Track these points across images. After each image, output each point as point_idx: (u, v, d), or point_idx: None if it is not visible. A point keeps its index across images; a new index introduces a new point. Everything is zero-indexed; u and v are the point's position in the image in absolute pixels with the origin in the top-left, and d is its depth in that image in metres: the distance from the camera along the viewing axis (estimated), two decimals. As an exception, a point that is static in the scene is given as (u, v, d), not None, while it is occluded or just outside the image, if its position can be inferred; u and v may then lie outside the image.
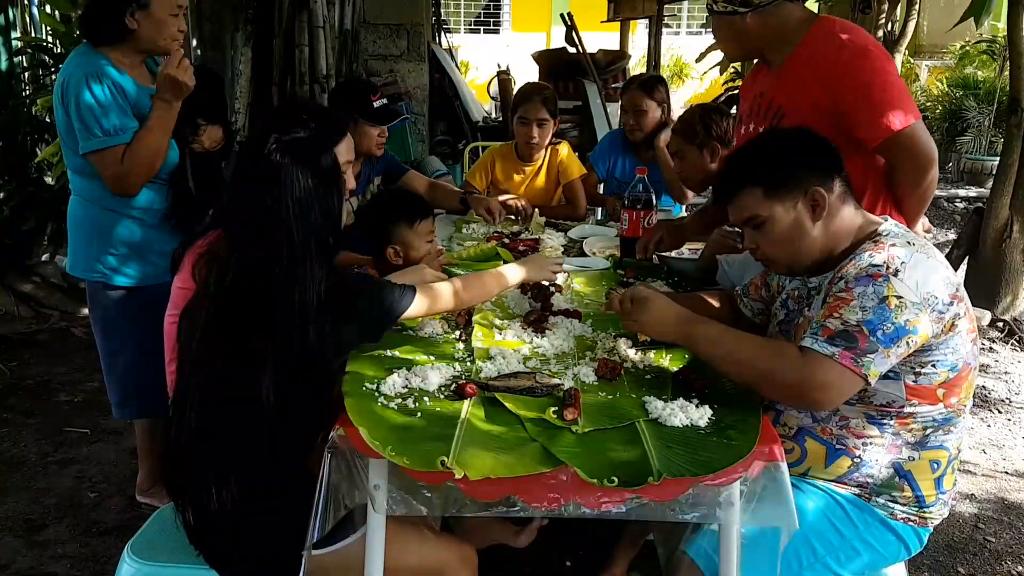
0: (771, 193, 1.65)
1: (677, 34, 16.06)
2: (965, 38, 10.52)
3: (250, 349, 1.55)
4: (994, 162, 5.97)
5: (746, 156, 1.73)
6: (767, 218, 1.66)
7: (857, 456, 1.67)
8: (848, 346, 1.47)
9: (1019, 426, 3.47)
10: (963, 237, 4.74)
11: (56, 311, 4.37)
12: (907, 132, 1.94)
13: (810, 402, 1.56)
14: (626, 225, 2.67)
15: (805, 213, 1.64)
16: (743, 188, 1.68)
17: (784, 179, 1.64)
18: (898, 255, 1.54)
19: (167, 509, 1.79)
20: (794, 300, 1.79)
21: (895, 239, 1.60)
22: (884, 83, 1.96)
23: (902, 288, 1.49)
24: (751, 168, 1.69)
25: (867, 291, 1.50)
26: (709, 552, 1.61)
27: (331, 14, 6.05)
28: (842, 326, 1.49)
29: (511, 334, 2.00)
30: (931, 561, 2.55)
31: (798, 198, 1.64)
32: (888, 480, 1.67)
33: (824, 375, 1.48)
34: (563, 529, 2.52)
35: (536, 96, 3.37)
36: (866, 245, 1.62)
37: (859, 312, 1.49)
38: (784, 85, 2.10)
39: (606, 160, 3.56)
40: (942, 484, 1.69)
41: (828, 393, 1.50)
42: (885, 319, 1.48)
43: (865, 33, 2.08)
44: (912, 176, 2.00)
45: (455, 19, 16.60)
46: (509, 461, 1.43)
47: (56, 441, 3.15)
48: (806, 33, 2.06)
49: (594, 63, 7.21)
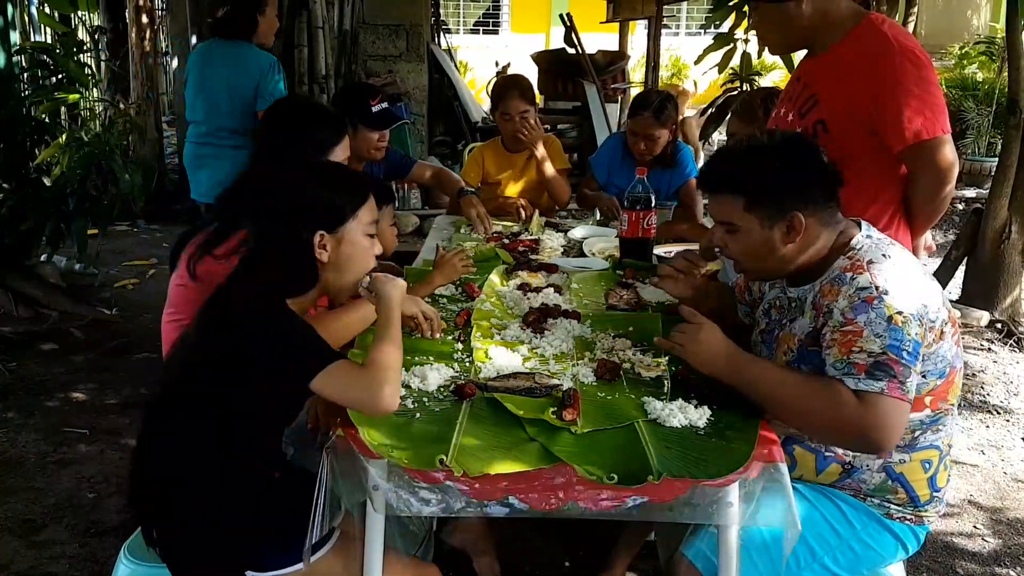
0: (752, 207, 1.62)
1: (676, 35, 16.05)
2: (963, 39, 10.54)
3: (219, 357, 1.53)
4: (993, 163, 5.97)
5: (739, 160, 1.68)
6: (741, 228, 1.65)
7: (847, 463, 1.67)
8: (890, 376, 1.46)
9: (1018, 427, 3.47)
10: (962, 238, 4.74)
11: (55, 311, 4.36)
12: (933, 143, 1.92)
13: (871, 444, 1.52)
14: (625, 226, 2.67)
15: (779, 233, 1.61)
16: (726, 191, 1.66)
17: (768, 198, 1.61)
18: (879, 273, 1.53)
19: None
20: (776, 310, 1.77)
21: (868, 253, 1.59)
22: (923, 91, 1.93)
23: (898, 303, 1.49)
24: (739, 175, 1.65)
25: (871, 317, 1.49)
26: (707, 554, 1.61)
27: (330, 14, 6.06)
28: (870, 358, 1.47)
29: (510, 334, 2.00)
30: (930, 562, 2.55)
31: (776, 218, 1.61)
32: (881, 484, 1.67)
33: (879, 412, 1.46)
34: (563, 529, 2.52)
35: (513, 90, 3.38)
36: (840, 261, 1.60)
37: (876, 340, 1.47)
38: (823, 75, 2.07)
39: (607, 166, 3.52)
40: (936, 483, 1.69)
41: (885, 432, 1.47)
42: (901, 339, 1.47)
43: (914, 38, 2.05)
44: (929, 187, 1.99)
45: (454, 20, 16.59)
46: (508, 460, 1.43)
47: (55, 441, 3.15)
48: (856, 26, 2.02)
49: (593, 64, 7.20)
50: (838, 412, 1.49)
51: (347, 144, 2.02)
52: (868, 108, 1.95)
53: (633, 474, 1.39)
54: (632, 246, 2.68)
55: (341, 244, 1.59)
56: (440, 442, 1.46)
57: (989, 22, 11.75)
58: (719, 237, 1.71)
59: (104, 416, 3.35)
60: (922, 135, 1.91)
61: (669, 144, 3.25)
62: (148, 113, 6.64)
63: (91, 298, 4.66)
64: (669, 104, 3.20)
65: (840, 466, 1.67)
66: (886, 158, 1.98)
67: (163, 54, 8.05)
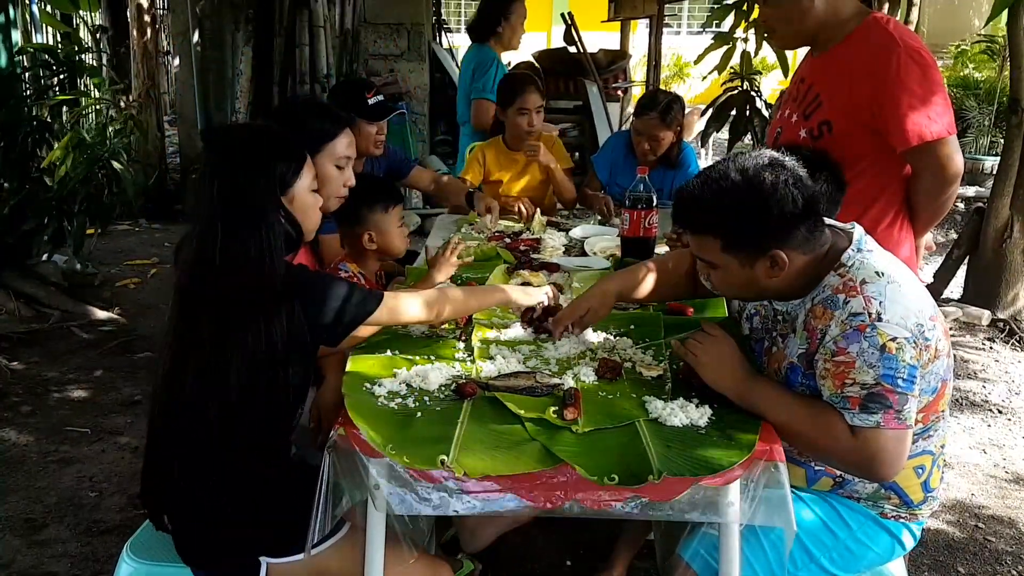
0: (728, 249, 1.55)
1: (678, 34, 16.03)
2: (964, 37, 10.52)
3: (214, 341, 1.54)
4: (994, 162, 5.96)
5: (710, 203, 1.54)
6: (721, 266, 1.58)
7: (839, 476, 1.66)
8: (885, 408, 1.44)
9: (1019, 426, 3.47)
10: (963, 237, 4.74)
11: (56, 311, 4.36)
12: (938, 144, 1.91)
13: (873, 476, 1.52)
14: (627, 225, 2.67)
15: (762, 269, 1.54)
16: (701, 232, 1.58)
17: (744, 242, 1.53)
18: (872, 295, 1.48)
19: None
20: (760, 318, 1.75)
21: (861, 271, 1.52)
22: (928, 91, 1.92)
23: (892, 329, 1.45)
24: (712, 220, 1.55)
25: (863, 347, 1.45)
26: (704, 555, 1.61)
27: (331, 13, 6.06)
28: (863, 391, 1.45)
29: (511, 333, 2.00)
30: (931, 561, 2.55)
31: (757, 257, 1.53)
32: (874, 492, 1.67)
33: (877, 447, 1.45)
34: (564, 528, 2.53)
35: (531, 85, 3.38)
36: (831, 279, 1.54)
37: (870, 371, 1.44)
38: (827, 74, 2.07)
39: (609, 166, 3.52)
40: (929, 485, 1.69)
41: (886, 464, 1.47)
42: (896, 368, 1.44)
43: (918, 38, 2.04)
44: (932, 188, 1.98)
45: (456, 19, 16.59)
46: (509, 460, 1.43)
47: (56, 440, 3.15)
48: (858, 25, 2.02)
49: (594, 63, 7.20)
50: (838, 445, 1.49)
51: (351, 140, 2.13)
52: (871, 108, 1.94)
53: (634, 473, 1.39)
54: (634, 245, 2.67)
55: (292, 204, 1.70)
56: (441, 442, 1.46)
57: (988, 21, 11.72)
58: (701, 268, 1.66)
59: (105, 415, 3.35)
60: (926, 136, 1.91)
61: (673, 144, 3.25)
62: (149, 112, 6.65)
63: (92, 297, 4.66)
64: (676, 105, 3.20)
65: (831, 479, 1.67)
66: (889, 158, 1.97)
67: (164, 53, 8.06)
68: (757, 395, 1.57)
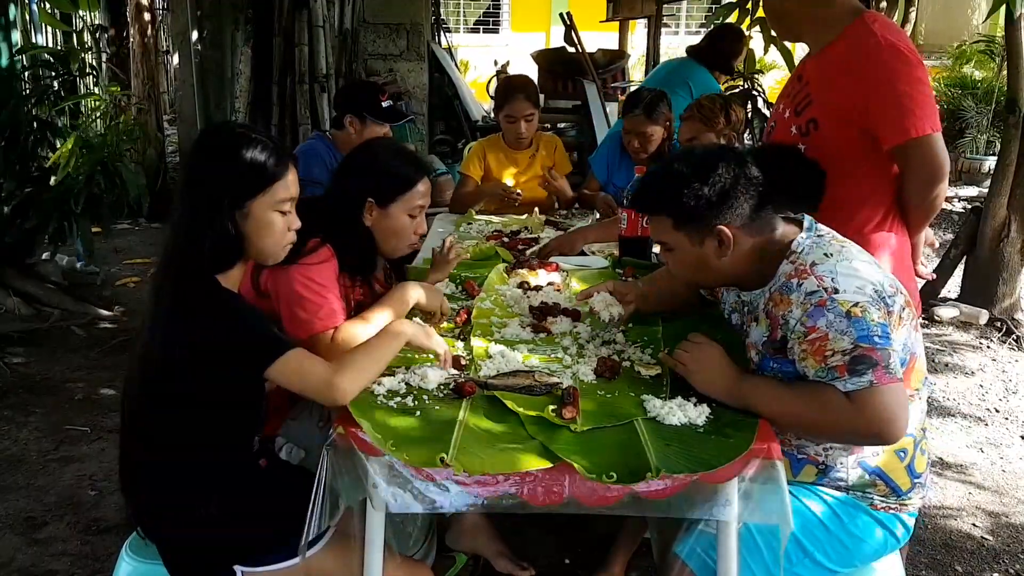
0: (679, 226, 1.65)
1: (676, 34, 16.04)
2: (963, 37, 10.53)
3: (152, 332, 1.55)
4: (992, 162, 5.98)
5: (661, 181, 1.69)
6: (675, 246, 1.68)
7: (821, 463, 1.68)
8: (872, 366, 1.46)
9: (1016, 425, 3.48)
10: (961, 237, 4.75)
11: (56, 310, 4.37)
12: (923, 140, 1.92)
13: (879, 437, 1.52)
14: (625, 224, 2.68)
15: (711, 248, 1.63)
16: (655, 213, 1.69)
17: (690, 216, 1.62)
18: (822, 273, 1.53)
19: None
20: (740, 313, 1.78)
21: (811, 255, 1.58)
22: (913, 89, 1.93)
23: (851, 296, 1.49)
24: (662, 198, 1.66)
25: (830, 319, 1.48)
26: (700, 553, 1.62)
27: (331, 13, 6.06)
28: (846, 356, 1.47)
29: (510, 332, 2.00)
30: (929, 559, 2.56)
31: (704, 234, 1.62)
32: (859, 480, 1.68)
33: (880, 405, 1.47)
34: (562, 526, 2.53)
35: (519, 93, 3.40)
36: (784, 267, 1.60)
37: (844, 338, 1.47)
38: (818, 72, 2.08)
39: (606, 166, 3.54)
40: (914, 470, 1.70)
41: (890, 421, 1.47)
42: (868, 327, 1.47)
43: (907, 38, 2.05)
44: (920, 186, 1.99)
45: (455, 19, 16.59)
46: (508, 458, 1.44)
47: (56, 439, 3.16)
48: (848, 25, 2.03)
49: (593, 62, 7.20)
50: (839, 416, 1.50)
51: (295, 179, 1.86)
52: (858, 106, 1.96)
53: (632, 471, 1.40)
54: (631, 244, 2.68)
55: (246, 216, 1.57)
56: (440, 440, 1.47)
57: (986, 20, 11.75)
58: (662, 254, 1.76)
59: (105, 414, 3.36)
60: (911, 133, 1.92)
61: (666, 142, 3.25)
62: (150, 112, 6.65)
63: (92, 296, 4.67)
64: (662, 101, 3.20)
65: (815, 467, 1.68)
66: (878, 157, 1.98)
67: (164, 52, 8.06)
68: (748, 392, 1.60)
